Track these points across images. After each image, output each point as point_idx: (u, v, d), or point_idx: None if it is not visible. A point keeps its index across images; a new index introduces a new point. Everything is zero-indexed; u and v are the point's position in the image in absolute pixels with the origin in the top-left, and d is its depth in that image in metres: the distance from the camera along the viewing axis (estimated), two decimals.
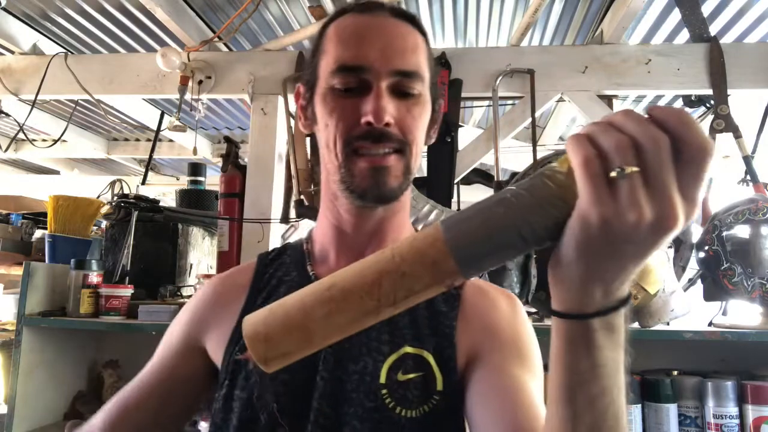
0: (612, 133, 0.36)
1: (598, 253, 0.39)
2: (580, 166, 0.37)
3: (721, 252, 1.48)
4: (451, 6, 2.11)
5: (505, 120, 1.96)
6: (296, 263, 0.77)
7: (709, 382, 1.35)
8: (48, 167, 4.41)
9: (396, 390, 0.64)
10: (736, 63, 1.85)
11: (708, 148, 0.36)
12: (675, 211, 0.36)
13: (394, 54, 0.67)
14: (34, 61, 2.23)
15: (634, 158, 0.36)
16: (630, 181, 0.35)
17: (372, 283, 0.44)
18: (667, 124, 0.36)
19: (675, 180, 0.36)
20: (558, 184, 0.40)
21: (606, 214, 0.36)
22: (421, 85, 0.69)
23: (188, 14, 2.12)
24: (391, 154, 0.67)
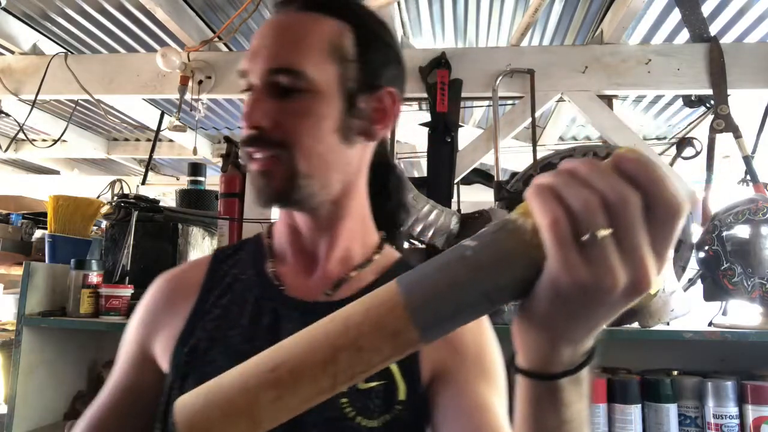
0: (579, 189, 0.34)
1: (568, 316, 0.37)
2: (548, 229, 0.34)
3: (721, 252, 1.48)
4: (451, 6, 2.11)
5: (505, 120, 1.96)
6: (254, 260, 0.74)
7: (709, 382, 1.35)
8: (48, 167, 4.41)
9: (357, 399, 0.62)
10: (736, 63, 1.85)
11: (680, 207, 0.34)
12: (648, 273, 0.34)
13: (269, 52, 0.64)
14: (34, 61, 2.23)
15: (605, 219, 0.33)
16: (603, 246, 0.33)
17: (325, 361, 0.39)
18: (637, 180, 0.34)
19: (647, 240, 0.34)
20: (524, 243, 0.36)
21: (578, 280, 0.34)
22: (303, 81, 0.63)
23: (188, 14, 2.13)
24: (270, 157, 0.64)
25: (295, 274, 0.71)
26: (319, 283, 0.70)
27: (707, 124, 1.86)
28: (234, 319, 0.68)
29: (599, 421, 1.36)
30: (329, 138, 0.65)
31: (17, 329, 1.60)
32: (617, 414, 1.36)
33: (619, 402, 1.37)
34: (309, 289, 0.69)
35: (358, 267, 0.71)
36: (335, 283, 0.70)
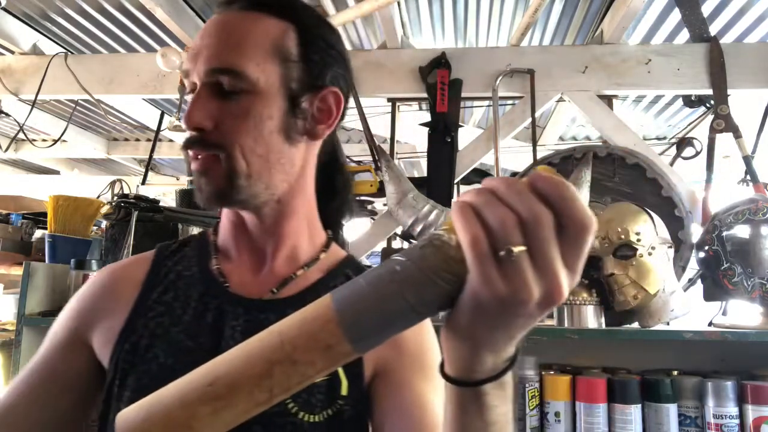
0: (497, 208, 0.36)
1: (489, 326, 0.39)
2: (468, 245, 0.37)
3: (721, 252, 1.48)
4: (451, 6, 2.11)
5: (505, 120, 1.96)
6: (199, 257, 0.73)
7: (709, 382, 1.35)
8: (48, 167, 4.41)
9: (299, 394, 0.61)
10: (736, 63, 1.85)
11: (589, 224, 0.36)
12: (561, 286, 0.36)
13: (210, 52, 0.63)
14: (34, 61, 2.23)
15: (521, 236, 0.36)
16: (518, 262, 0.36)
17: (261, 375, 0.41)
18: (549, 198, 0.36)
19: (560, 256, 0.36)
20: (448, 258, 0.39)
21: (496, 293, 0.36)
22: (243, 82, 0.63)
23: (188, 14, 2.13)
24: (209, 157, 0.64)
25: (240, 272, 0.71)
26: (264, 280, 0.70)
27: (707, 124, 1.86)
28: (177, 315, 0.67)
29: (599, 421, 1.36)
30: (271, 138, 0.65)
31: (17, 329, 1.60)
32: (617, 414, 1.36)
33: (619, 402, 1.37)
34: (254, 286, 0.69)
35: (305, 266, 0.71)
36: (281, 281, 0.70)
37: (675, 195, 1.67)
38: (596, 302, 1.46)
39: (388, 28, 2.02)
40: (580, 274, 0.38)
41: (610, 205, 1.53)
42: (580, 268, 0.38)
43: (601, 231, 1.44)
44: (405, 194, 1.55)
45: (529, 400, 1.40)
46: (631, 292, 1.41)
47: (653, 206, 1.57)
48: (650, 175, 1.70)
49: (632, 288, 1.41)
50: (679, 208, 1.66)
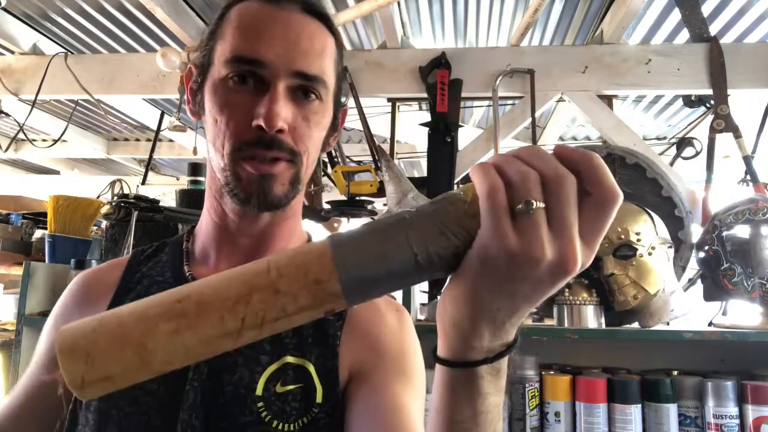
0: (519, 165, 0.36)
1: (493, 288, 0.37)
2: (484, 195, 0.35)
3: (721, 252, 1.48)
4: (451, 6, 2.11)
5: (505, 120, 1.96)
6: (172, 262, 0.71)
7: (709, 382, 1.35)
8: (48, 167, 4.41)
9: (273, 402, 0.60)
10: (736, 63, 1.85)
11: (616, 195, 0.35)
12: (575, 253, 0.35)
13: (297, 53, 0.61)
14: (34, 61, 2.23)
15: (541, 193, 0.35)
16: (534, 217, 0.34)
17: (237, 299, 0.37)
18: (577, 165, 0.36)
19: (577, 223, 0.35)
20: (461, 212, 0.37)
21: (507, 247, 0.35)
22: (324, 92, 0.63)
23: (188, 14, 2.13)
24: (280, 161, 0.62)
25: None
26: None
27: (707, 124, 1.86)
28: None
29: (599, 421, 1.36)
30: (320, 147, 0.68)
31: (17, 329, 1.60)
32: (617, 414, 1.36)
33: (619, 402, 1.37)
34: None
35: None
36: None
37: (675, 195, 1.67)
38: (596, 302, 1.46)
39: (388, 28, 2.02)
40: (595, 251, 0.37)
41: None
42: (596, 244, 0.36)
43: None
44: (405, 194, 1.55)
45: (529, 400, 1.40)
46: (631, 292, 1.41)
47: (653, 206, 1.57)
48: (650, 175, 1.69)
49: (632, 288, 1.41)
50: (679, 208, 1.66)
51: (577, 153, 0.36)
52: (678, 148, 2.03)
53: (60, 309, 0.72)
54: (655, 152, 1.89)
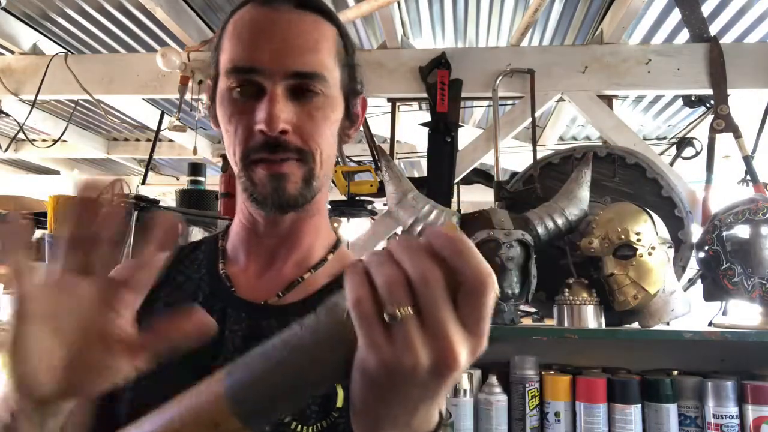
0: (385, 267, 0.34)
1: (381, 398, 0.36)
2: (353, 305, 0.34)
3: (721, 252, 1.48)
4: (451, 6, 2.11)
5: (505, 120, 1.96)
6: (208, 261, 0.73)
7: (709, 382, 1.35)
8: (48, 167, 4.41)
9: None
10: (736, 63, 1.85)
11: (486, 280, 0.34)
12: (454, 352, 0.33)
13: (289, 53, 0.62)
14: (34, 61, 2.23)
15: (407, 297, 0.33)
16: (404, 324, 0.33)
17: None
18: (442, 254, 0.34)
19: (452, 317, 0.34)
20: (340, 322, 0.36)
21: (382, 358, 0.33)
22: (324, 86, 0.63)
23: (188, 14, 2.13)
24: (289, 161, 0.63)
25: (248, 276, 0.70)
26: (271, 284, 0.69)
27: (707, 124, 1.86)
28: None
29: (599, 421, 1.36)
30: (334, 141, 0.67)
31: None
32: (617, 414, 1.36)
33: (619, 402, 1.37)
34: (261, 290, 0.68)
35: (312, 268, 0.71)
36: (287, 285, 0.69)
37: (675, 195, 1.67)
38: (596, 302, 1.46)
39: (388, 28, 2.02)
40: (486, 335, 0.35)
41: (610, 205, 1.53)
42: (483, 329, 0.35)
43: (601, 231, 1.44)
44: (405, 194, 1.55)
45: (529, 400, 1.40)
46: (631, 292, 1.41)
47: (653, 206, 1.57)
48: (650, 175, 1.70)
49: (632, 288, 1.41)
50: (679, 208, 1.66)
51: (442, 242, 0.34)
52: (678, 148, 2.03)
53: None
54: (655, 152, 1.89)
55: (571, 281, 1.49)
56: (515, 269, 1.44)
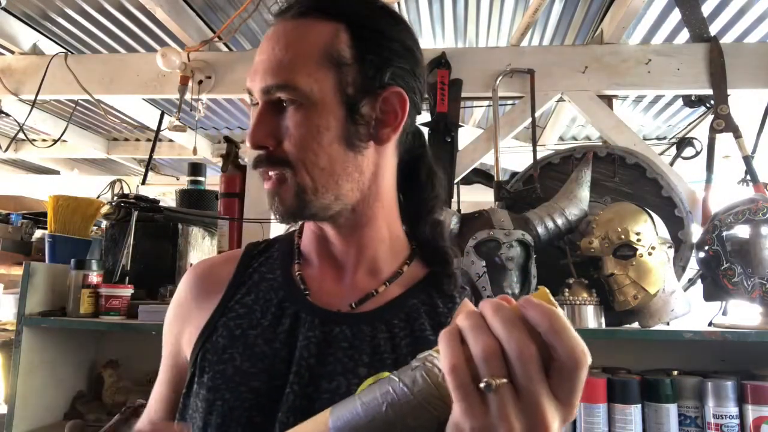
0: (481, 336, 0.36)
1: None
2: (448, 372, 0.36)
3: (721, 252, 1.48)
4: (451, 6, 2.11)
5: (505, 120, 1.96)
6: (283, 260, 0.73)
7: (709, 382, 1.35)
8: (48, 167, 4.41)
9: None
10: (736, 63, 1.85)
11: (581, 360, 0.35)
12: (546, 422, 0.34)
13: (264, 68, 0.63)
14: (34, 61, 2.23)
15: (502, 368, 0.35)
16: (499, 394, 0.34)
17: None
18: (539, 328, 0.35)
19: (546, 390, 0.35)
20: (436, 384, 0.38)
21: (477, 426, 0.35)
22: (294, 94, 0.61)
23: (188, 14, 2.13)
24: (277, 176, 0.64)
25: (321, 280, 0.70)
26: (345, 292, 0.69)
27: (707, 124, 1.86)
28: (255, 318, 0.67)
29: (599, 421, 1.36)
30: (332, 149, 0.63)
31: (17, 329, 1.60)
32: (617, 414, 1.36)
33: (619, 402, 1.37)
34: (334, 297, 0.68)
35: (387, 281, 0.70)
36: (361, 296, 0.68)
37: (675, 195, 1.67)
38: (596, 302, 1.46)
39: None
40: (576, 405, 0.36)
41: (610, 205, 1.53)
42: (576, 401, 0.36)
43: (601, 231, 1.44)
44: None
45: None
46: (631, 292, 1.41)
47: (653, 206, 1.57)
48: (650, 175, 1.70)
49: (632, 288, 1.41)
50: (679, 208, 1.66)
51: (538, 315, 0.35)
52: (678, 148, 2.03)
53: (177, 301, 0.75)
54: (655, 152, 1.89)
55: (571, 281, 1.49)
56: (515, 269, 1.44)
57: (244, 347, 0.64)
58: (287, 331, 0.65)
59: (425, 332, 0.66)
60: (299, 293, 0.68)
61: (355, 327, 0.65)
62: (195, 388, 0.65)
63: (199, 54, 2.10)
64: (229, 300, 0.69)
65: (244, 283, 0.71)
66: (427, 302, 0.69)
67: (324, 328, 0.65)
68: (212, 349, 0.65)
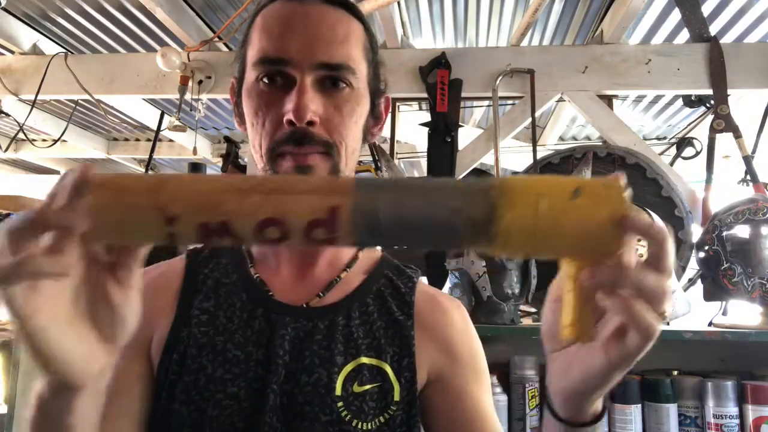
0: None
1: (627, 362, 0.44)
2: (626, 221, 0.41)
3: (721, 252, 1.48)
4: (451, 6, 2.11)
5: (505, 120, 1.96)
6: (236, 264, 0.70)
7: (709, 382, 1.35)
8: (48, 167, 4.41)
9: (352, 402, 0.62)
10: (736, 63, 1.85)
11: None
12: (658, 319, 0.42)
13: (319, 44, 0.61)
14: (34, 61, 2.23)
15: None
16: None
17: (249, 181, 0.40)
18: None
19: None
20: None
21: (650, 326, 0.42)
22: (353, 78, 0.63)
23: (188, 14, 2.12)
24: (315, 154, 0.62)
25: (281, 278, 0.69)
26: (307, 286, 0.68)
27: (707, 124, 1.86)
28: (221, 324, 0.65)
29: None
30: (360, 137, 0.67)
31: None
32: (617, 414, 1.36)
33: (619, 402, 1.37)
34: (297, 293, 0.68)
35: (346, 267, 0.71)
36: (325, 285, 0.68)
37: (675, 195, 1.67)
38: None
39: (388, 28, 2.02)
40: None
41: None
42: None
43: None
44: None
45: (529, 400, 1.40)
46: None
47: (653, 206, 1.57)
48: (650, 175, 1.70)
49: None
50: (679, 208, 1.66)
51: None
52: (678, 148, 2.03)
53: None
54: (655, 152, 1.89)
55: None
56: (515, 269, 1.44)
57: (214, 354, 0.63)
58: (259, 334, 0.64)
59: (395, 314, 0.68)
60: (262, 294, 0.67)
61: (327, 319, 0.66)
62: (164, 404, 0.61)
63: (199, 54, 2.10)
64: (188, 308, 0.66)
65: (200, 290, 0.68)
66: (389, 285, 0.71)
67: (296, 324, 0.65)
68: (180, 361, 0.63)
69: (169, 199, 0.39)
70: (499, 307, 1.43)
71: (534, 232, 0.39)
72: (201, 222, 0.39)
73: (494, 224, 0.39)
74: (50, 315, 0.40)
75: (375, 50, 0.69)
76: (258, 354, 0.63)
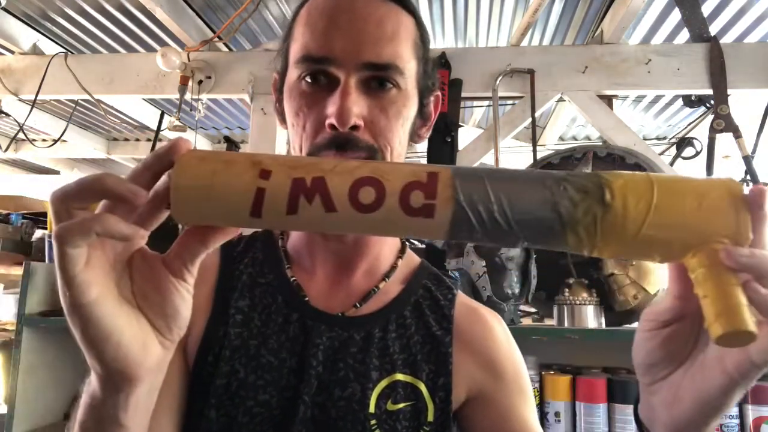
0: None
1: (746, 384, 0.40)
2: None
3: None
4: (451, 6, 2.11)
5: (505, 120, 1.96)
6: (272, 263, 0.67)
7: None
8: (48, 167, 4.41)
9: (385, 421, 0.59)
10: (736, 63, 1.85)
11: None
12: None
13: (365, 43, 0.57)
14: (34, 61, 2.23)
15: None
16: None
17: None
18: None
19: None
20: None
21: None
22: (400, 79, 0.58)
23: (188, 14, 2.12)
24: (366, 158, 0.58)
25: (317, 284, 0.66)
26: (344, 294, 0.66)
27: (707, 124, 1.86)
28: (255, 327, 0.62)
29: (599, 421, 1.36)
30: (405, 140, 0.62)
31: (17, 329, 1.60)
32: (617, 414, 1.36)
33: (619, 402, 1.37)
34: (334, 300, 0.65)
35: (385, 277, 0.68)
36: (363, 295, 0.66)
37: None
38: (596, 302, 1.46)
39: None
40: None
41: None
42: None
43: None
44: None
45: None
46: (631, 292, 1.41)
47: None
48: None
49: (632, 288, 1.41)
50: None
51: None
52: (678, 148, 2.03)
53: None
54: (655, 152, 1.89)
55: (571, 281, 1.49)
56: (515, 269, 1.44)
57: (247, 359, 0.60)
58: (293, 340, 0.62)
59: (432, 328, 0.65)
60: (299, 299, 0.64)
61: (363, 330, 0.63)
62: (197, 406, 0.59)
63: (199, 54, 2.10)
64: (224, 305, 0.64)
65: (234, 288, 0.65)
66: (428, 297, 0.68)
67: (331, 334, 0.62)
68: (214, 362, 0.61)
69: (265, 158, 0.40)
70: (499, 307, 1.43)
71: (654, 222, 0.38)
72: (296, 177, 0.38)
73: (608, 214, 0.38)
74: (103, 290, 0.40)
75: (426, 45, 0.64)
76: (291, 362, 0.61)
